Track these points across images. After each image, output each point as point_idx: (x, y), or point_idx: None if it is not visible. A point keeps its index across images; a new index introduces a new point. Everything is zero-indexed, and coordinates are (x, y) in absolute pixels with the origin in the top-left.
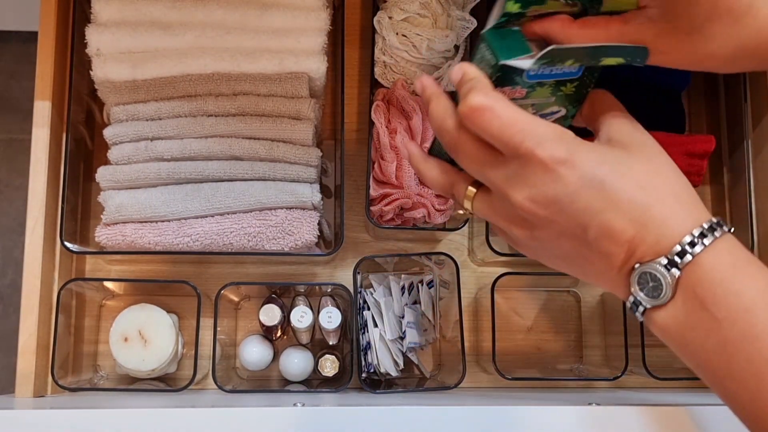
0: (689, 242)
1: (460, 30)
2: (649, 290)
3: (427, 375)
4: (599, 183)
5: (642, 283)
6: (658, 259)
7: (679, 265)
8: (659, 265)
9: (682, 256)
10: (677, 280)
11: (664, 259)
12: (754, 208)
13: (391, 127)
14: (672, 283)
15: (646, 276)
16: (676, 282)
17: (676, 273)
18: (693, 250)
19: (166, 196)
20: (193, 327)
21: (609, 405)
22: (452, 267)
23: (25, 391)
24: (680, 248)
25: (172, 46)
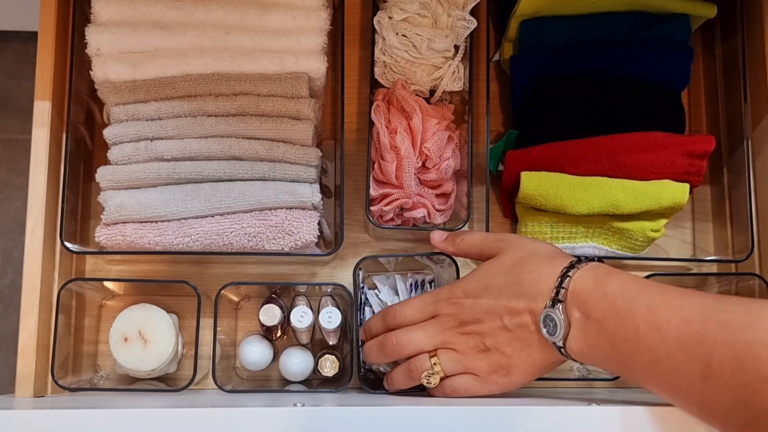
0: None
1: (460, 30)
2: (551, 329)
3: None
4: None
5: (547, 326)
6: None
7: (560, 298)
8: (548, 307)
9: (558, 293)
10: (565, 309)
11: (549, 301)
12: (754, 208)
13: (391, 127)
14: (562, 315)
15: (546, 320)
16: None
17: (561, 305)
18: (564, 284)
19: (166, 196)
20: (193, 327)
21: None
22: (452, 267)
23: (25, 391)
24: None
25: (172, 46)
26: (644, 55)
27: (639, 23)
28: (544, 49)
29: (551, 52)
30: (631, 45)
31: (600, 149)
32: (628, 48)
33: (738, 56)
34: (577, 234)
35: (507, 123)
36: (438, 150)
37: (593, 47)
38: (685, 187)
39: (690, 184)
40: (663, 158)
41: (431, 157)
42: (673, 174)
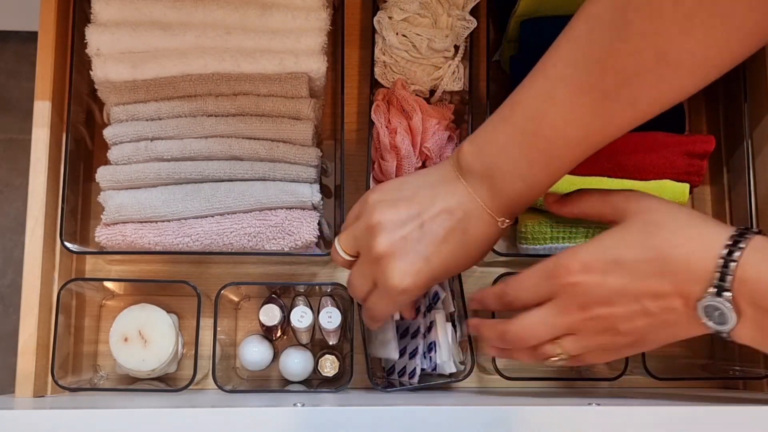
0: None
1: (460, 30)
2: (718, 319)
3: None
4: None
5: (709, 315)
6: (708, 290)
7: (726, 287)
8: (711, 296)
9: (724, 279)
10: (733, 300)
11: (712, 289)
12: (754, 208)
13: (391, 127)
14: (731, 305)
15: (709, 308)
16: (733, 301)
17: (729, 295)
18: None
19: (166, 196)
20: (193, 327)
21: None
22: None
23: (25, 391)
24: (719, 274)
25: (172, 46)
26: None
27: None
28: (544, 49)
29: None
30: None
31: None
32: None
33: None
34: (577, 234)
35: None
36: (438, 150)
37: None
38: (685, 187)
39: (690, 184)
40: (663, 158)
41: (431, 157)
42: (673, 174)
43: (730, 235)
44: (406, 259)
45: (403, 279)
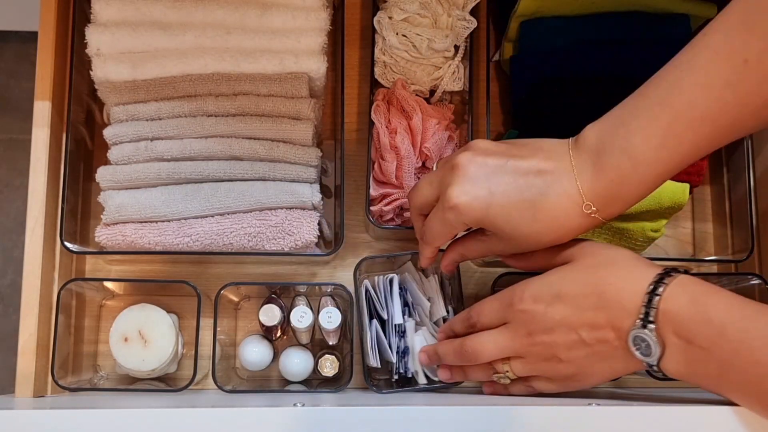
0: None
1: (460, 30)
2: (645, 350)
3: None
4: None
5: (638, 347)
6: (635, 323)
7: (651, 319)
8: (637, 328)
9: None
10: (657, 331)
11: (638, 321)
12: (754, 208)
13: (391, 127)
14: (656, 337)
15: (637, 340)
16: (657, 333)
17: (653, 327)
18: (653, 303)
19: (166, 196)
20: (193, 327)
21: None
22: None
23: (25, 391)
24: (644, 307)
25: (172, 46)
26: (644, 55)
27: (639, 23)
28: (543, 49)
29: (551, 52)
30: (631, 45)
31: None
32: (628, 48)
33: None
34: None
35: (507, 123)
36: (438, 150)
37: (593, 47)
38: (685, 187)
39: (690, 184)
40: None
41: (431, 157)
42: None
43: (657, 273)
44: (474, 180)
45: (460, 195)
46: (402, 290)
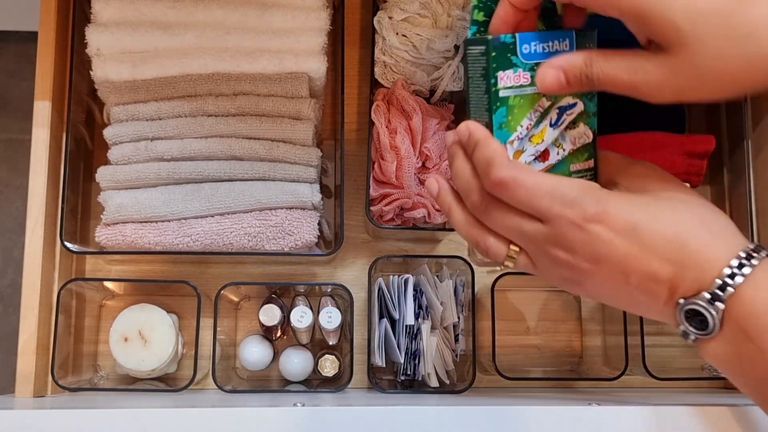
0: (729, 274)
1: (460, 30)
2: (697, 324)
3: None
4: (633, 230)
5: (689, 317)
6: (701, 294)
7: (722, 298)
8: (703, 300)
9: (723, 290)
10: (722, 313)
11: (707, 294)
12: (754, 208)
13: (391, 127)
14: (718, 317)
15: (692, 311)
16: (722, 315)
17: (721, 306)
18: (734, 281)
19: (166, 196)
20: (193, 327)
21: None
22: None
23: (25, 391)
24: (721, 282)
25: (172, 46)
26: None
27: None
28: None
29: None
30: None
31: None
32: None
33: None
34: None
35: None
36: (438, 150)
37: None
38: None
39: (690, 184)
40: (663, 158)
41: (431, 157)
42: (673, 174)
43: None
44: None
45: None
46: (416, 292)
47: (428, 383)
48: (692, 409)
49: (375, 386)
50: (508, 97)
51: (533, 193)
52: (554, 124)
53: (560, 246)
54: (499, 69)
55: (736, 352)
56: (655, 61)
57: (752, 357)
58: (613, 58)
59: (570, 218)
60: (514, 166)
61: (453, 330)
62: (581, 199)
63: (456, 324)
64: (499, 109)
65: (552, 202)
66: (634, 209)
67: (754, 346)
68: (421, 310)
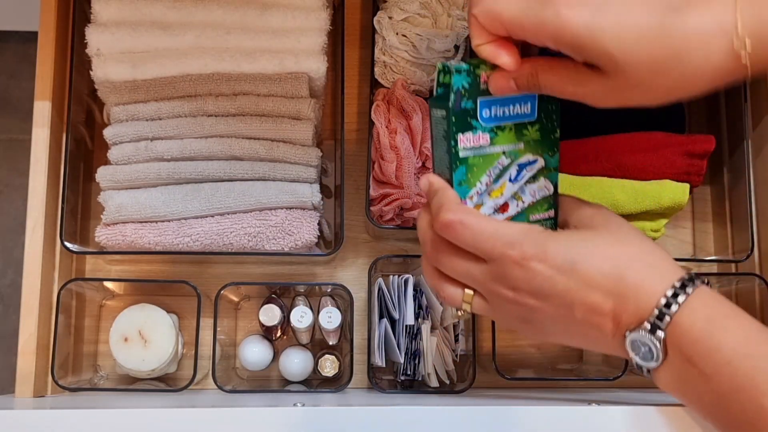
0: (665, 304)
1: (460, 30)
2: (644, 355)
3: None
4: (571, 266)
5: (635, 349)
6: (643, 324)
7: (661, 327)
8: (644, 331)
9: (661, 318)
10: (664, 342)
11: (647, 324)
12: (754, 208)
13: (391, 127)
14: (660, 346)
15: (637, 343)
16: (664, 343)
17: (661, 335)
18: (670, 310)
19: (166, 196)
20: (193, 327)
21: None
22: None
23: (25, 391)
24: (658, 311)
25: (172, 46)
26: None
27: None
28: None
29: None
30: None
31: (600, 149)
32: None
33: None
34: None
35: None
36: None
37: None
38: (685, 187)
39: (690, 184)
40: (663, 158)
41: (431, 157)
42: (673, 174)
43: (681, 277)
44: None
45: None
46: (417, 292)
47: (428, 383)
48: None
49: (375, 386)
50: (468, 157)
51: (478, 235)
52: (514, 180)
53: (505, 284)
54: (459, 132)
55: (682, 377)
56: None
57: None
58: (559, 71)
59: (511, 257)
60: (461, 210)
61: (453, 330)
62: (522, 239)
63: (456, 324)
64: (458, 168)
65: (495, 243)
66: (572, 246)
67: (697, 369)
68: (421, 310)
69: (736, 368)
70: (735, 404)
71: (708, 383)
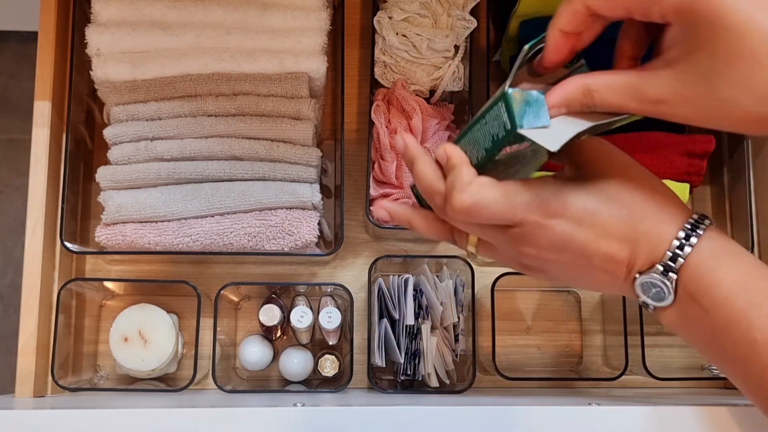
0: (678, 246)
1: (460, 30)
2: (654, 295)
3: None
4: (590, 217)
5: (646, 290)
6: (655, 266)
7: (674, 269)
8: (657, 273)
9: (674, 261)
10: (676, 283)
11: (660, 266)
12: (754, 208)
13: (391, 127)
14: (672, 287)
15: (648, 284)
16: (675, 284)
17: (674, 277)
18: (683, 252)
19: (166, 196)
20: (193, 327)
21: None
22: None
23: (25, 391)
24: (671, 254)
25: (172, 46)
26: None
27: None
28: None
29: None
30: None
31: None
32: None
33: None
34: None
35: None
36: None
37: (594, 47)
38: (685, 187)
39: (690, 184)
40: (663, 158)
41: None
42: (673, 174)
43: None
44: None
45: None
46: (416, 292)
47: (428, 383)
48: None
49: (375, 386)
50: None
51: (495, 211)
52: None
53: (527, 244)
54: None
55: (684, 314)
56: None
57: (699, 317)
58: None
59: (533, 220)
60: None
61: (453, 330)
62: (540, 200)
63: (456, 324)
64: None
65: (514, 213)
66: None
67: (698, 306)
68: (421, 310)
69: (732, 303)
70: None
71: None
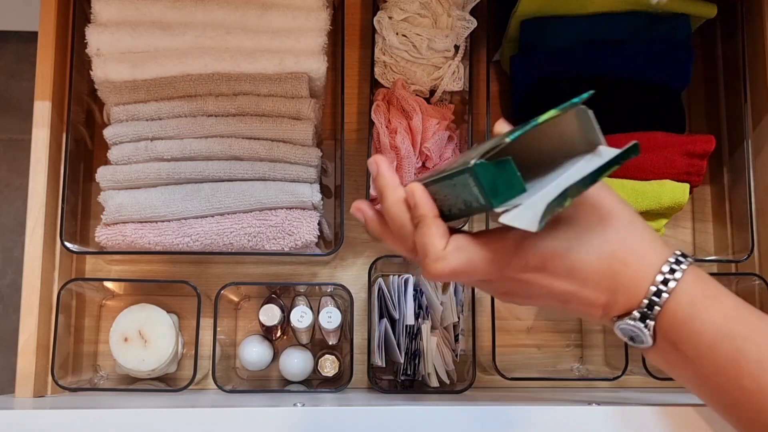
0: (655, 292)
1: (460, 30)
2: (633, 338)
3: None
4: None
5: (625, 333)
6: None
7: (651, 316)
8: (634, 320)
9: (651, 308)
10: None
11: (637, 313)
12: (754, 208)
13: (391, 127)
14: (650, 333)
15: (626, 329)
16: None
17: (651, 324)
18: (660, 300)
19: (166, 196)
20: (193, 327)
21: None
22: None
23: (25, 391)
24: (647, 301)
25: (172, 46)
26: (644, 56)
27: (639, 23)
28: (544, 49)
29: (551, 52)
30: (631, 45)
31: None
32: (629, 48)
33: (738, 56)
34: None
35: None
36: (438, 150)
37: (593, 47)
38: (685, 187)
39: (690, 184)
40: (663, 158)
41: (431, 157)
42: (673, 174)
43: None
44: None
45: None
46: (417, 292)
47: (428, 383)
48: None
49: (375, 386)
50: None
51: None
52: None
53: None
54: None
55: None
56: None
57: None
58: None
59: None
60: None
61: (453, 330)
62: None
63: (456, 324)
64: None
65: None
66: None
67: (681, 354)
68: (421, 310)
69: (717, 352)
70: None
71: (692, 366)
